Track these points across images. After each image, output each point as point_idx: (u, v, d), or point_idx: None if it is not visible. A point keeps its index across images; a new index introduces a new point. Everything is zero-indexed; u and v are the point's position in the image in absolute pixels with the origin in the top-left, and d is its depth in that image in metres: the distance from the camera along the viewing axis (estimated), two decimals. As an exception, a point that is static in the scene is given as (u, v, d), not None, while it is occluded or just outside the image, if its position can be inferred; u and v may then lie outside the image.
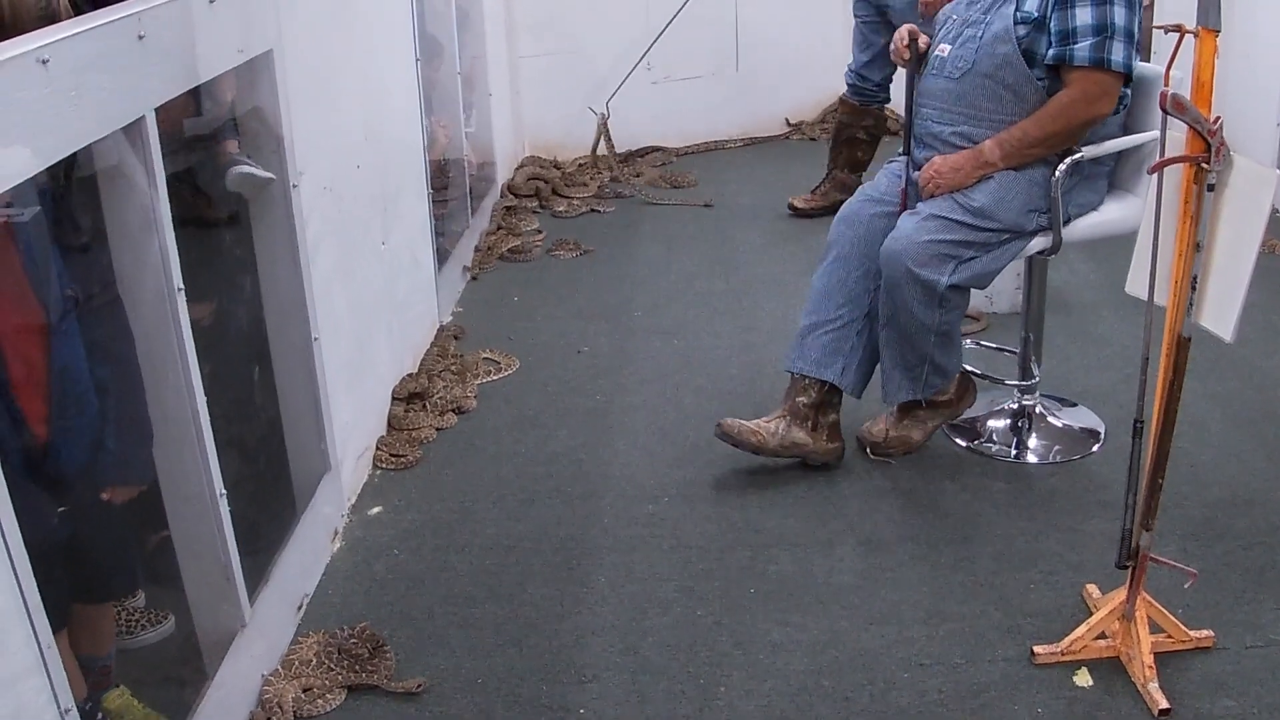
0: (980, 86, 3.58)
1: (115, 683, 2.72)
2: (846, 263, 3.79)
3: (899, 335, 3.69)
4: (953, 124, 3.65)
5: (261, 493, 3.48)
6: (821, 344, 3.81)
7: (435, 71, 5.50)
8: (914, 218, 3.62)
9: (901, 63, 3.79)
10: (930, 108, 3.70)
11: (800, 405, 3.85)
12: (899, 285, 3.58)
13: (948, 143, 3.65)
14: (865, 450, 3.96)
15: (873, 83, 6.17)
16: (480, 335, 5.13)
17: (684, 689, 3.00)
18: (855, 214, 3.83)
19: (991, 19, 3.57)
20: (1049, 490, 3.77)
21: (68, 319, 2.43)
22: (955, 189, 3.59)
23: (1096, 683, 2.95)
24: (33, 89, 2.08)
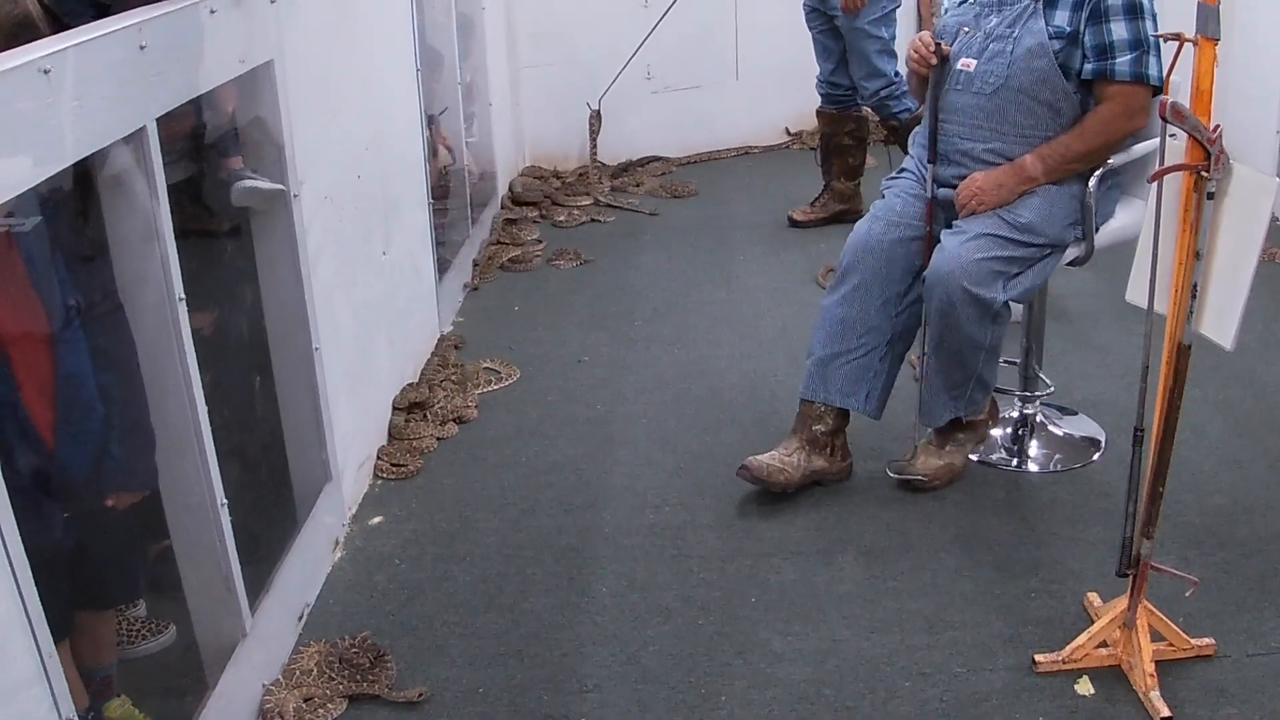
0: (1014, 102, 3.55)
1: (116, 692, 2.72)
2: (868, 291, 3.72)
3: (948, 357, 3.63)
4: (984, 140, 3.60)
5: (262, 502, 3.48)
6: (844, 374, 3.76)
7: (436, 82, 5.51)
8: (960, 237, 3.55)
9: (923, 70, 3.69)
10: (957, 124, 3.65)
11: (818, 434, 3.82)
12: (953, 306, 3.51)
13: (980, 160, 3.61)
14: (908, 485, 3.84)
15: (843, 87, 6.19)
16: (481, 345, 5.13)
17: (685, 698, 3.00)
18: (875, 241, 3.73)
19: (1020, 33, 3.53)
20: (1050, 499, 3.77)
21: (72, 326, 2.44)
22: (997, 206, 3.55)
23: (1098, 691, 2.95)
24: (34, 99, 2.08)
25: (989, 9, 3.63)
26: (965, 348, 3.59)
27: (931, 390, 3.74)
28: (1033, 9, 3.54)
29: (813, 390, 3.82)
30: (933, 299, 3.56)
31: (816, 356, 3.81)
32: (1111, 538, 3.29)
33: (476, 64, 6.47)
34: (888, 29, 5.96)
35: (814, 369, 3.81)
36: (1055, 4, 3.53)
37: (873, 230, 3.74)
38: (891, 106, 5.99)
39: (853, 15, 5.85)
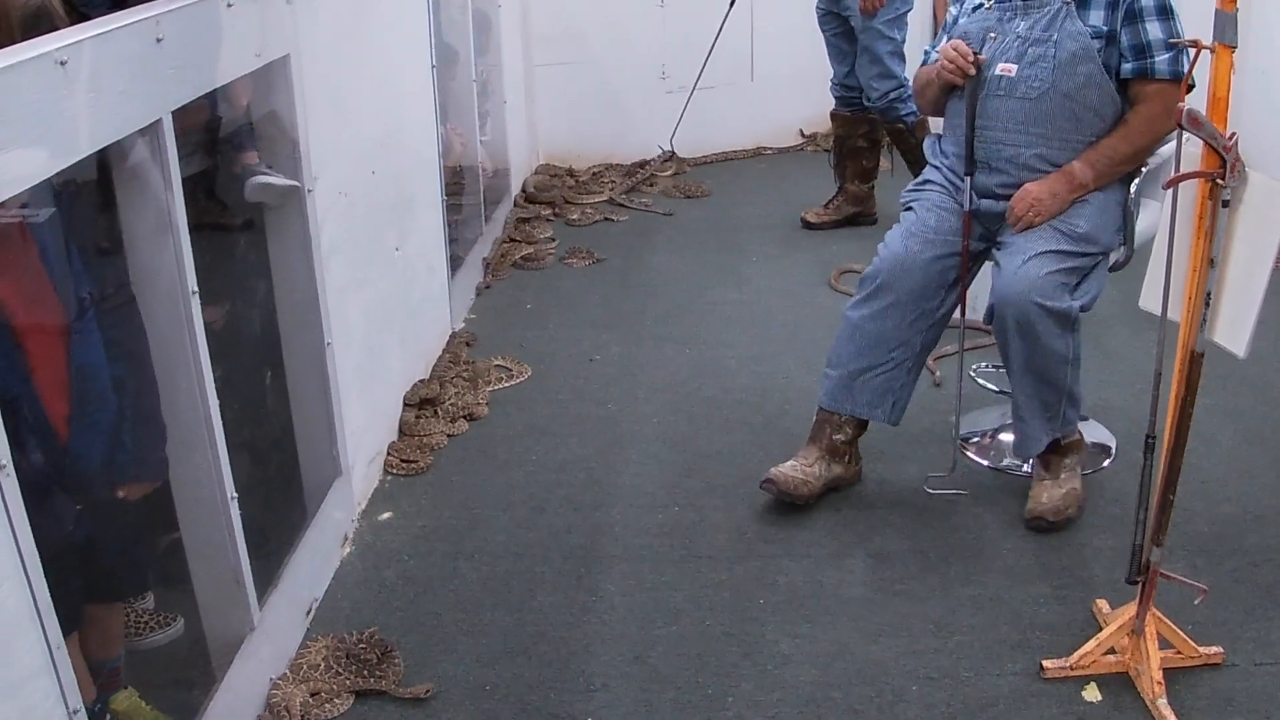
0: (1060, 107, 3.51)
1: (123, 684, 2.72)
2: (902, 310, 3.66)
3: (1037, 379, 3.56)
4: (1030, 146, 3.56)
5: (272, 497, 3.48)
6: (872, 387, 3.73)
7: (451, 79, 5.51)
8: (1019, 257, 3.48)
9: (958, 80, 3.61)
10: (1000, 130, 3.59)
11: (838, 443, 3.81)
12: (1031, 325, 3.45)
13: (1027, 166, 3.57)
14: (1044, 526, 3.64)
15: (857, 90, 6.19)
16: (492, 342, 5.13)
17: (692, 699, 3.00)
18: (913, 259, 3.65)
19: (1059, 37, 3.49)
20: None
21: (87, 318, 2.44)
22: (1053, 216, 3.52)
23: (1105, 698, 2.94)
24: (50, 90, 2.09)
25: (1013, 12, 3.58)
26: (1052, 364, 3.52)
27: (1025, 419, 3.65)
28: (1066, 10, 3.50)
29: (837, 402, 3.79)
30: (1007, 324, 3.49)
31: (845, 370, 3.75)
32: (1121, 544, 3.28)
33: (491, 61, 6.48)
34: (900, 31, 5.96)
35: (840, 381, 3.77)
36: (1088, 4, 3.50)
37: (910, 248, 3.66)
38: (899, 109, 5.99)
39: (870, 16, 5.84)
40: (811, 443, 3.85)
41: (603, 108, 7.70)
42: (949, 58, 3.59)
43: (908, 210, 3.79)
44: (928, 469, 3.95)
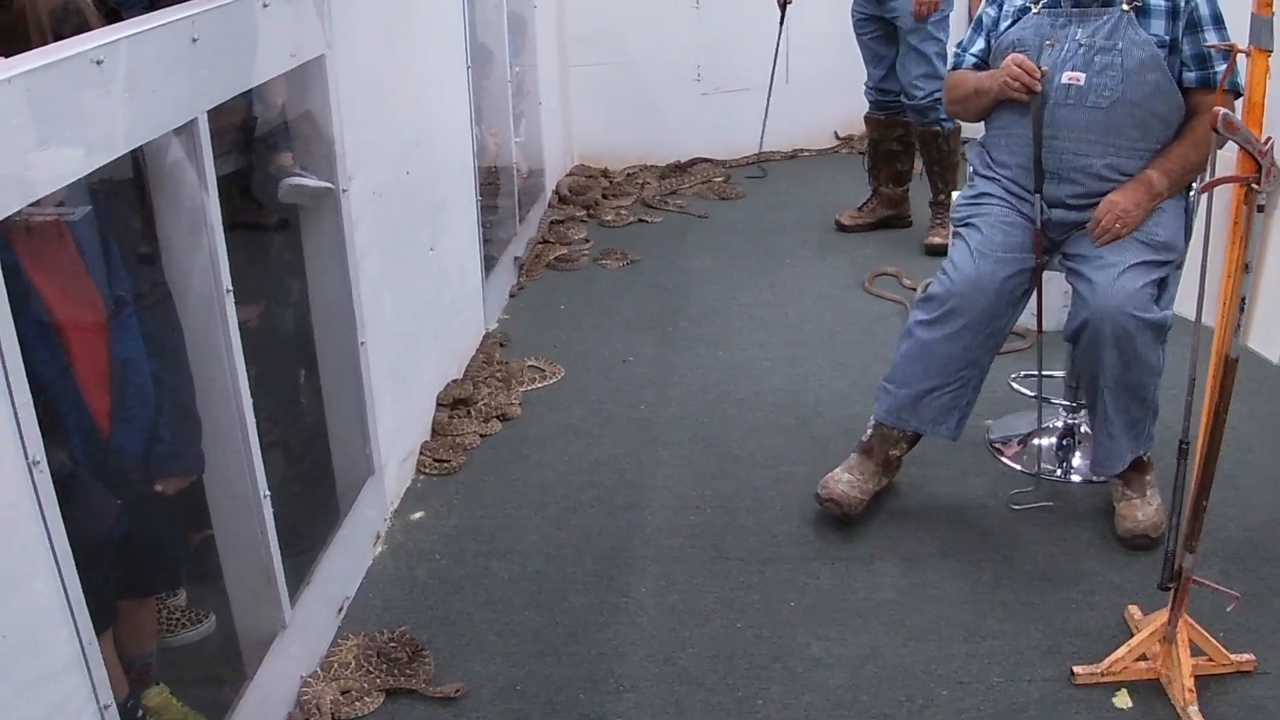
0: (1129, 115, 3.46)
1: (155, 680, 2.74)
2: (975, 331, 3.57)
3: (1128, 394, 3.51)
4: (1101, 155, 3.50)
5: (305, 495, 3.50)
6: (939, 405, 3.67)
7: (486, 79, 5.52)
8: (1110, 271, 3.42)
9: (1024, 98, 3.50)
10: (1070, 140, 3.51)
11: (893, 458, 3.79)
12: (1130, 338, 3.40)
13: (1099, 176, 3.52)
14: (1140, 545, 3.57)
15: (893, 94, 6.16)
16: (526, 343, 5.14)
17: (722, 701, 3.00)
18: (987, 281, 3.54)
19: (1125, 45, 3.44)
20: (1092, 510, 3.74)
21: (126, 313, 2.46)
22: (1136, 226, 3.47)
23: (1136, 705, 2.93)
24: (87, 89, 2.10)
25: (1067, 19, 3.52)
26: (1146, 377, 3.47)
27: (1114, 436, 3.59)
28: (1127, 18, 3.45)
29: (901, 419, 3.72)
30: (1104, 339, 3.42)
31: (912, 389, 3.67)
32: (1153, 551, 3.27)
33: (526, 62, 6.49)
34: (945, 33, 5.94)
35: (905, 399, 3.69)
36: (1148, 13, 3.45)
37: (983, 268, 3.56)
38: (940, 111, 5.96)
39: (924, 20, 5.82)
40: (865, 456, 3.79)
41: (637, 109, 7.70)
42: (1014, 75, 3.48)
43: (968, 227, 3.69)
44: (959, 473, 3.94)
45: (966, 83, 3.73)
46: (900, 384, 3.70)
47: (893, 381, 3.72)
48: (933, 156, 6.04)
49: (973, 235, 3.63)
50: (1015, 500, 3.79)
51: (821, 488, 3.71)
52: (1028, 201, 3.60)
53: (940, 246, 5.82)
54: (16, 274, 2.17)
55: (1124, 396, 3.51)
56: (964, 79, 3.75)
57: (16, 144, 1.90)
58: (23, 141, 1.92)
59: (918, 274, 5.64)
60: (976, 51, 3.74)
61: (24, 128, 1.92)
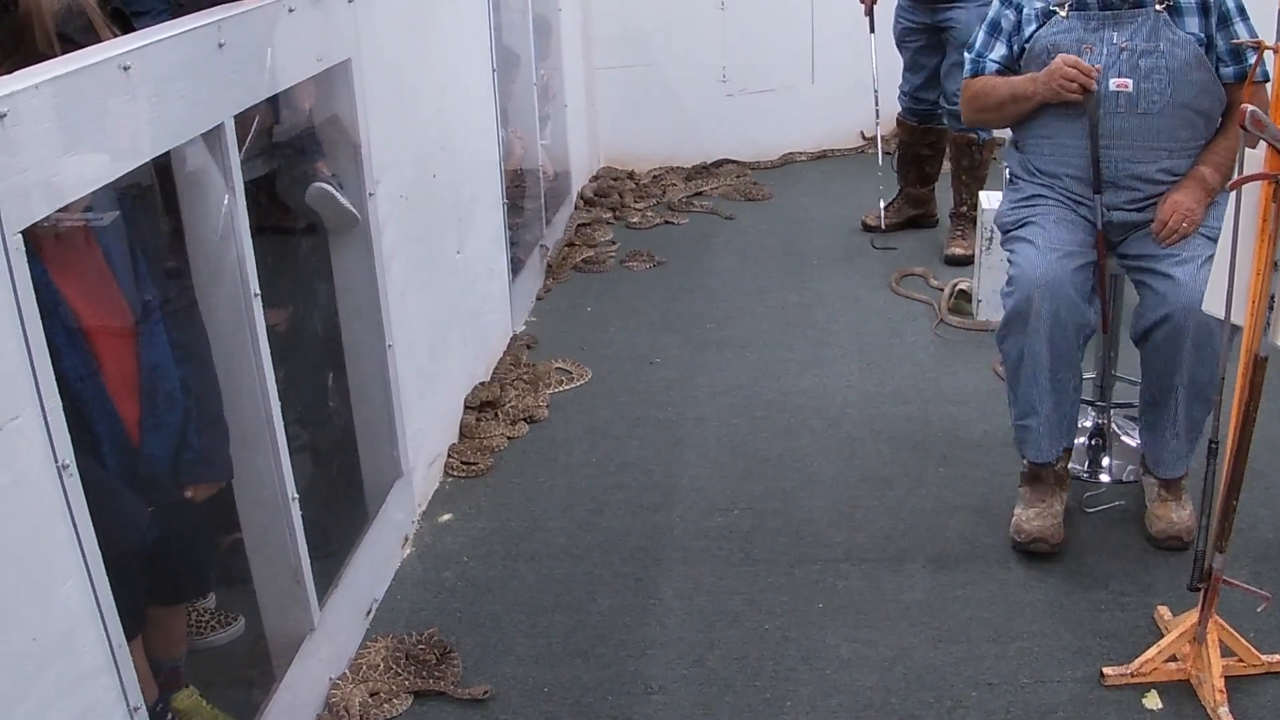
0: (1179, 117, 3.43)
1: (184, 683, 2.75)
2: (1064, 329, 3.43)
3: (1197, 393, 3.43)
4: (1155, 160, 3.46)
5: (333, 497, 3.51)
6: (1070, 413, 3.56)
7: (512, 83, 5.53)
8: (1191, 265, 3.36)
9: (1079, 98, 3.43)
10: (1124, 148, 3.46)
11: (1062, 472, 3.62)
12: (1211, 334, 3.32)
13: (1154, 180, 3.48)
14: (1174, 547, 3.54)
15: (928, 102, 6.13)
16: (553, 345, 5.14)
17: (750, 703, 2.99)
18: (1057, 278, 3.41)
19: (1166, 46, 3.41)
20: (1122, 510, 3.73)
21: (154, 319, 2.47)
22: (1199, 223, 3.43)
23: (1166, 705, 2.91)
24: (113, 95, 2.11)
25: (1099, 21, 3.48)
26: (1213, 376, 3.35)
27: (1177, 435, 3.52)
28: (1162, 19, 3.42)
29: (1053, 448, 3.56)
30: (1183, 336, 3.36)
31: (1043, 415, 3.52)
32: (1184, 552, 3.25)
33: (552, 65, 6.49)
34: None
35: (1046, 429, 3.54)
36: (1180, 11, 3.42)
37: (1050, 261, 3.44)
38: None
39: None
40: (1042, 486, 3.61)
41: (663, 111, 7.70)
42: (1069, 75, 3.41)
43: (1027, 227, 3.58)
44: (988, 474, 3.93)
45: (997, 90, 3.65)
46: (1029, 413, 3.54)
47: (1023, 416, 3.56)
48: (963, 165, 5.99)
49: (1036, 233, 3.53)
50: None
51: (1018, 533, 3.54)
52: (1085, 205, 3.55)
53: (961, 258, 5.79)
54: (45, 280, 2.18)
55: (1193, 397, 3.45)
56: (992, 86, 3.67)
57: (44, 150, 1.91)
58: (50, 147, 1.93)
59: (944, 275, 5.63)
60: (998, 58, 3.66)
61: (51, 134, 1.93)
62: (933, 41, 5.96)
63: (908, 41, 6.05)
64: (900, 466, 4.03)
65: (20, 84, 1.86)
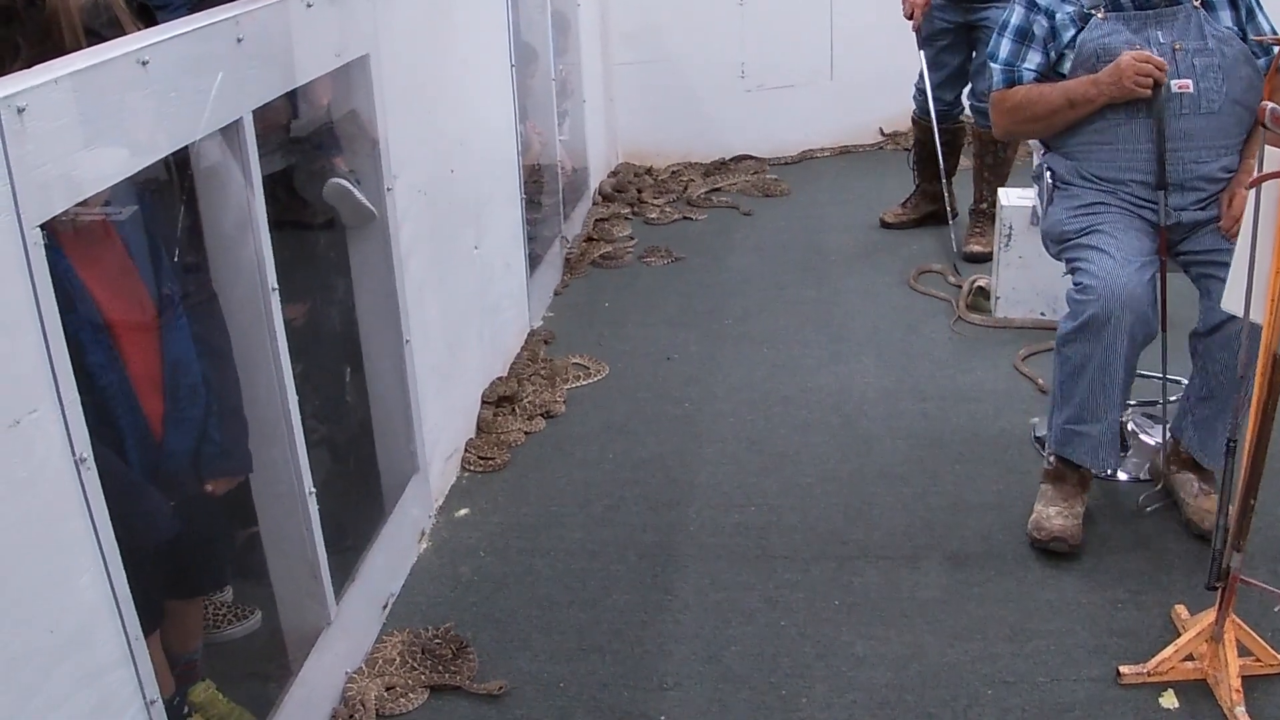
0: (1234, 115, 3.43)
1: (201, 676, 2.76)
2: (1136, 341, 3.38)
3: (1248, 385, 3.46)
4: (1217, 159, 3.45)
5: (350, 492, 3.51)
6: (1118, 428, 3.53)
7: (530, 78, 5.53)
8: None
9: (1148, 93, 3.39)
10: (1190, 149, 3.45)
11: (1086, 473, 3.60)
12: None
13: (1216, 179, 3.46)
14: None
15: (945, 101, 6.10)
16: (570, 340, 5.15)
17: (766, 699, 2.99)
18: (1138, 291, 3.33)
19: (1213, 43, 3.41)
20: (1139, 509, 3.72)
21: (176, 313, 2.48)
22: None
23: (1183, 705, 2.90)
24: (132, 89, 2.12)
25: (1145, 22, 3.47)
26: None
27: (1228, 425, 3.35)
28: (1201, 14, 3.43)
29: (1108, 460, 3.53)
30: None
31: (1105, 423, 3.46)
32: (1200, 550, 3.25)
33: (571, 61, 6.49)
34: None
35: (1107, 438, 3.48)
36: (1213, 7, 3.44)
37: (1129, 273, 3.36)
38: None
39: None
40: (1061, 481, 3.60)
41: (682, 106, 7.70)
42: (1141, 71, 3.37)
43: (1095, 234, 3.50)
44: (1005, 471, 3.92)
45: (1047, 98, 3.59)
46: (1094, 419, 3.47)
47: (1085, 421, 3.48)
48: (987, 162, 5.97)
49: (1108, 243, 3.45)
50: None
51: (1038, 530, 3.52)
52: (1149, 208, 3.51)
53: (980, 255, 5.78)
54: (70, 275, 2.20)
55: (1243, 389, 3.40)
56: (1040, 94, 3.60)
57: (63, 144, 1.92)
58: (69, 142, 1.93)
59: (962, 272, 5.62)
60: (1034, 66, 3.62)
61: (70, 128, 1.94)
62: (960, 40, 5.93)
63: (936, 41, 6.01)
64: (917, 464, 4.02)
65: (40, 79, 1.87)
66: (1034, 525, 3.54)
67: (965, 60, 5.95)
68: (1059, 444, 3.56)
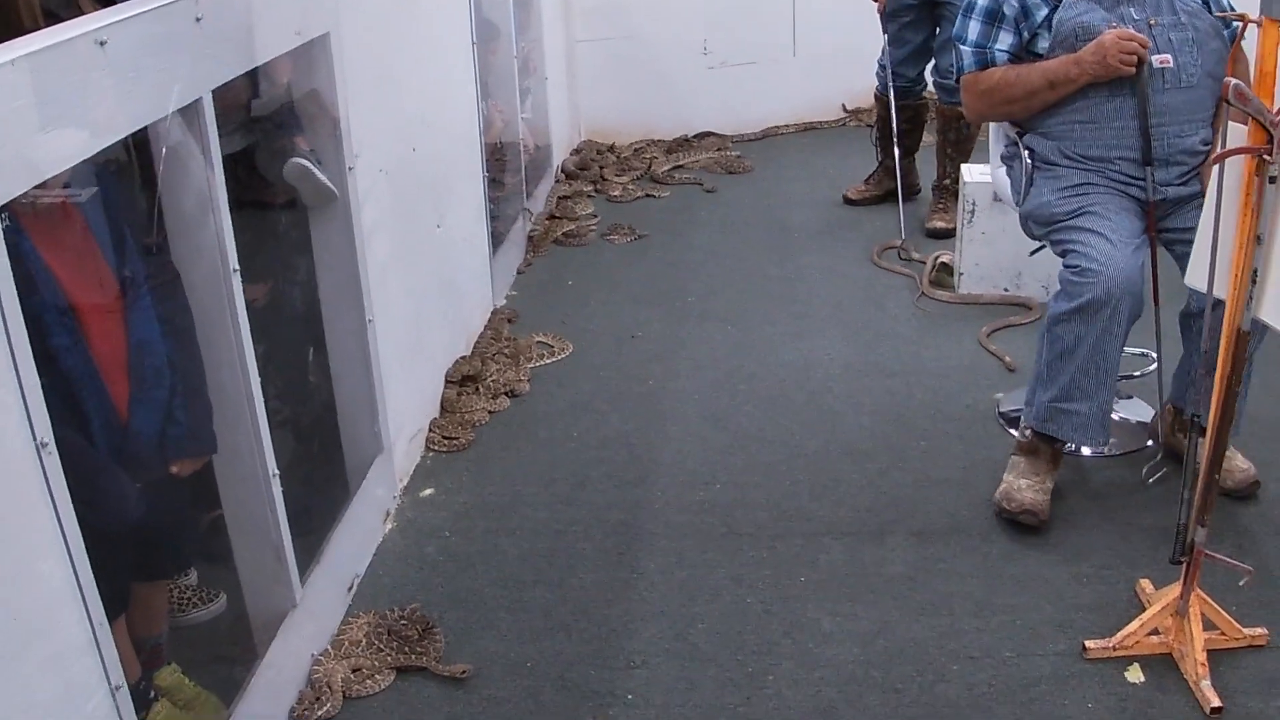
0: (1209, 88, 3.45)
1: (166, 660, 2.74)
2: (1129, 322, 3.41)
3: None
4: (1196, 133, 3.47)
5: (314, 473, 3.50)
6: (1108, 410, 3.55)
7: (492, 55, 5.50)
8: None
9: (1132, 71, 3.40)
10: (1173, 123, 3.46)
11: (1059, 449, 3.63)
12: None
13: (1197, 153, 3.48)
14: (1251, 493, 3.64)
15: (908, 78, 6.10)
16: (534, 319, 5.13)
17: (733, 676, 3.00)
18: (1131, 266, 3.35)
19: (1185, 18, 3.44)
20: (1104, 483, 3.74)
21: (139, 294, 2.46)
22: None
23: (1148, 679, 2.92)
24: (91, 70, 2.09)
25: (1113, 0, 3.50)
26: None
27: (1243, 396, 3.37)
28: None
29: (1096, 437, 3.57)
30: None
31: (1096, 403, 3.47)
32: (1165, 524, 3.26)
33: (533, 38, 6.47)
34: None
35: (1095, 416, 3.49)
36: None
37: (1126, 256, 3.37)
38: None
39: None
40: (1034, 456, 3.61)
41: (644, 84, 7.68)
42: (1125, 49, 3.38)
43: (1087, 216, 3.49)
44: (970, 447, 3.94)
45: (1025, 79, 3.58)
46: (1083, 398, 3.47)
47: (1075, 398, 3.48)
48: (949, 138, 5.97)
49: (1102, 224, 3.44)
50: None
51: (1007, 501, 3.53)
52: (1136, 185, 3.52)
53: (943, 230, 5.79)
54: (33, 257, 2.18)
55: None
56: (1018, 75, 3.59)
57: (21, 126, 1.89)
58: (27, 123, 1.91)
59: (925, 247, 5.63)
60: (1006, 47, 3.61)
61: (28, 110, 1.91)
62: (923, 16, 5.94)
63: (900, 17, 6.01)
64: (882, 440, 4.03)
65: (-5, 60, 1.85)
66: (1003, 495, 3.56)
67: (928, 37, 5.95)
68: (1041, 420, 3.56)
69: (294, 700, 2.93)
